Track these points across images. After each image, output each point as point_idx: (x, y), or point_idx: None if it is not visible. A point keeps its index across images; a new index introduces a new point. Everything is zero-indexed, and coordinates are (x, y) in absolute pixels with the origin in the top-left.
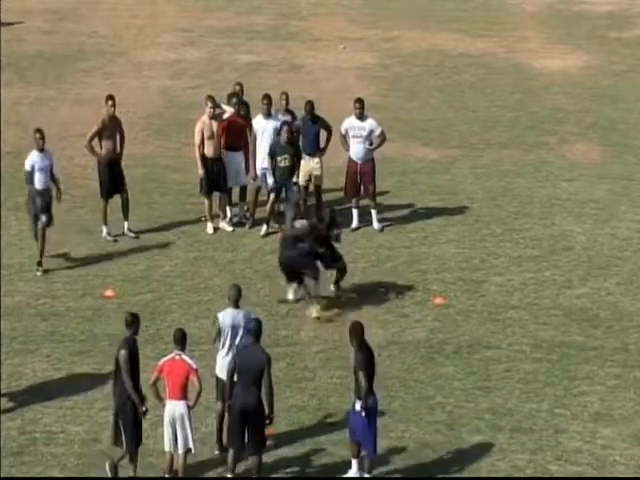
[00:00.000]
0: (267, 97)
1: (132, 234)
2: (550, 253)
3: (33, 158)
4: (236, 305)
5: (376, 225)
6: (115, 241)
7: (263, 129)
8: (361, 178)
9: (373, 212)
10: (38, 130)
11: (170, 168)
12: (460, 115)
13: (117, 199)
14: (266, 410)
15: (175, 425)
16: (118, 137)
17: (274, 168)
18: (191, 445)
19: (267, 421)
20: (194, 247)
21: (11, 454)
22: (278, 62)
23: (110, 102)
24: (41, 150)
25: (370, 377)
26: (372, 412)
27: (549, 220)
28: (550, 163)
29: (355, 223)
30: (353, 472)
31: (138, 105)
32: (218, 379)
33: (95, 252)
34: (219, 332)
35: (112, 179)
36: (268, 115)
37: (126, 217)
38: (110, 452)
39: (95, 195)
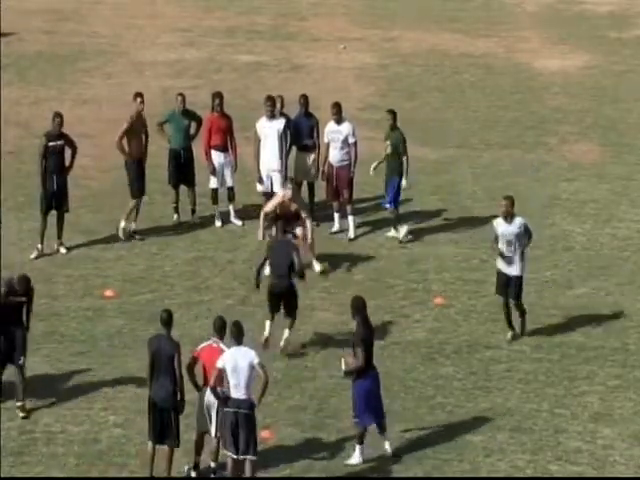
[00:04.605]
0: (270, 99)
1: (138, 236)
2: (550, 253)
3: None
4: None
5: (351, 233)
6: (127, 240)
7: (266, 131)
8: (337, 182)
9: (350, 219)
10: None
11: None
12: (460, 115)
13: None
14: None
15: (210, 410)
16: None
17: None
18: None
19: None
20: (194, 247)
21: (11, 454)
22: (278, 62)
23: (139, 99)
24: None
25: (369, 353)
26: (374, 385)
27: (549, 220)
28: (550, 163)
29: (336, 227)
30: (356, 458)
31: None
32: None
33: (95, 252)
34: None
35: (142, 178)
36: (271, 117)
37: (135, 219)
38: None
39: (95, 196)
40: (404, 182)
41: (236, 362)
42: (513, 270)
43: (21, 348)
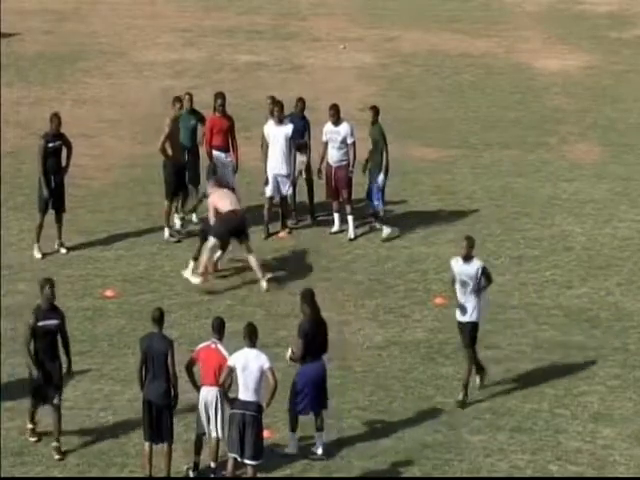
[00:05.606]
0: (278, 103)
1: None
2: (550, 253)
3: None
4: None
5: (351, 233)
6: (179, 241)
7: (274, 135)
8: (336, 183)
9: (349, 218)
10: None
11: None
12: (460, 115)
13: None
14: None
15: (208, 410)
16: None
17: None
18: (220, 431)
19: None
20: (194, 247)
21: (11, 454)
22: (278, 62)
23: (178, 104)
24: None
25: (310, 343)
26: (314, 374)
27: (549, 220)
28: (550, 163)
29: (336, 227)
30: (292, 446)
31: (138, 105)
32: None
33: (95, 252)
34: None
35: (178, 180)
36: (280, 121)
37: (184, 211)
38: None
39: (95, 195)
40: (381, 177)
41: (247, 362)
42: (466, 316)
43: (57, 386)
